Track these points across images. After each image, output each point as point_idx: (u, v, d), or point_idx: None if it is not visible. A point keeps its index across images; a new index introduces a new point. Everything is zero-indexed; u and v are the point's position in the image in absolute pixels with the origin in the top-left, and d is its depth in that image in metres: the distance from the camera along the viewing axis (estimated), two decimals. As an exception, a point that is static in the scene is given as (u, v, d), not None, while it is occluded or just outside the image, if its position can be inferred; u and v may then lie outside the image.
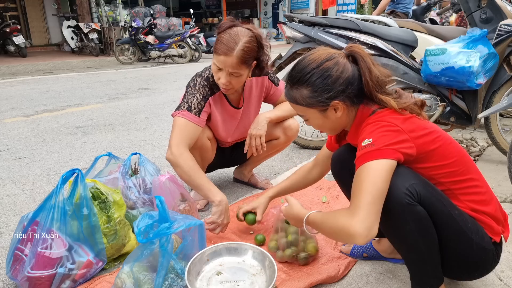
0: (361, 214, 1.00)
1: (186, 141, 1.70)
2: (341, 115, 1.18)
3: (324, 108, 1.16)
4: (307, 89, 1.15)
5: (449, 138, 1.18)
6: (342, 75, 1.12)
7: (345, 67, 1.13)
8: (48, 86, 6.20)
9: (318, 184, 2.24)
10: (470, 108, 2.56)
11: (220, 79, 1.66)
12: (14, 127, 3.68)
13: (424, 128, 1.12)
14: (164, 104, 4.80)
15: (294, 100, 1.20)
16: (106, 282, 1.40)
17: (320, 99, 1.14)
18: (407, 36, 2.65)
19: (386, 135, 1.07)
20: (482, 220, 1.14)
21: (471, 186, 1.15)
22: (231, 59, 1.58)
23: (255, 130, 1.84)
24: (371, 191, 1.01)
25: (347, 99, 1.15)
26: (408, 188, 1.04)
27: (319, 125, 1.25)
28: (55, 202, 1.34)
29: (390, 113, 1.13)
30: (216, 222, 1.59)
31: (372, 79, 1.13)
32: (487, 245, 1.13)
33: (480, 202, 1.15)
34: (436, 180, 1.13)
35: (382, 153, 1.04)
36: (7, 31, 9.54)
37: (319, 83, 1.13)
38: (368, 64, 1.13)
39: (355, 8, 16.09)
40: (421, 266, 1.15)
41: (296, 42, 2.81)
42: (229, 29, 1.61)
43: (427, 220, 1.07)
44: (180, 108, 1.74)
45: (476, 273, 1.23)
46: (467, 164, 1.17)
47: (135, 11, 12.55)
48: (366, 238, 1.00)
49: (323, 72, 1.13)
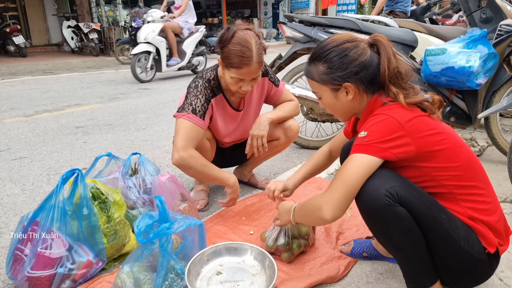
0: (332, 198, 1.11)
1: (193, 144, 1.70)
2: (351, 100, 1.20)
3: (336, 87, 1.20)
4: (324, 65, 1.19)
5: (461, 142, 1.16)
6: (359, 58, 1.15)
7: (364, 51, 1.16)
8: (48, 86, 6.20)
9: (318, 184, 2.24)
10: (470, 108, 2.56)
11: (241, 87, 1.68)
12: (14, 127, 3.68)
13: (432, 128, 1.12)
14: (164, 104, 4.80)
15: (310, 75, 1.24)
16: (106, 282, 1.40)
17: (334, 77, 1.18)
18: (407, 36, 2.65)
19: (381, 131, 1.08)
20: (477, 229, 1.12)
21: (475, 194, 1.14)
22: (253, 66, 1.60)
23: (257, 131, 1.84)
24: (346, 182, 1.10)
25: (360, 83, 1.17)
26: (388, 189, 1.06)
27: (330, 106, 1.27)
28: (55, 202, 1.34)
29: (399, 108, 1.12)
30: (232, 199, 1.86)
31: (390, 69, 1.15)
32: (477, 254, 1.11)
33: (481, 211, 1.13)
34: (439, 182, 1.13)
35: (370, 149, 1.08)
36: (7, 31, 9.53)
37: (335, 60, 1.17)
38: (389, 54, 1.16)
39: (355, 8, 16.10)
40: (411, 265, 1.17)
41: (296, 42, 2.82)
42: (233, 39, 1.59)
43: (409, 220, 1.07)
44: (185, 110, 1.72)
45: (465, 282, 1.20)
46: (476, 172, 1.16)
47: (135, 11, 12.52)
48: (331, 219, 1.12)
49: (341, 51, 1.16)
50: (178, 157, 1.66)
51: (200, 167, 1.72)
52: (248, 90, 1.69)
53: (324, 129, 3.34)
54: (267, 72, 1.93)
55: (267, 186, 1.55)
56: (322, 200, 1.14)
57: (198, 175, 1.79)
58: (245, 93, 1.71)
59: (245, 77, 1.63)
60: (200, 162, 1.71)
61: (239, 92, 1.72)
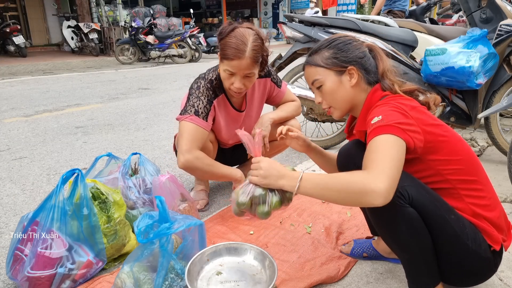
0: (381, 173, 0.95)
1: (197, 145, 1.70)
2: (353, 86, 1.23)
3: (341, 69, 1.23)
4: (329, 51, 1.25)
5: (458, 136, 1.18)
6: (361, 48, 1.25)
7: (362, 46, 1.27)
8: (48, 86, 6.20)
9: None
10: (470, 108, 2.56)
11: (233, 84, 1.64)
12: (14, 127, 3.68)
13: (434, 119, 1.15)
14: (164, 104, 4.80)
15: (314, 62, 1.27)
16: (106, 282, 1.40)
17: (340, 58, 1.23)
18: (407, 36, 2.65)
19: (394, 114, 1.07)
20: (482, 227, 1.13)
21: (477, 189, 1.15)
22: (245, 61, 1.57)
23: None
24: (388, 157, 0.98)
25: (363, 69, 1.23)
26: (399, 189, 1.04)
27: (332, 92, 1.25)
28: (55, 202, 1.34)
29: (400, 98, 1.15)
30: None
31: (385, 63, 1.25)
32: (483, 253, 1.12)
33: (483, 207, 1.14)
34: (444, 177, 1.13)
35: (392, 129, 1.03)
36: (7, 31, 9.54)
37: (341, 46, 1.24)
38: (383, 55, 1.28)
39: (355, 8, 16.09)
40: (415, 266, 1.16)
41: (296, 42, 2.82)
42: (232, 32, 1.59)
43: (418, 221, 1.07)
44: (187, 112, 1.71)
45: (471, 280, 1.22)
46: (475, 166, 1.17)
47: (135, 11, 12.55)
48: (384, 197, 0.94)
49: (346, 40, 1.26)
50: (184, 160, 1.65)
51: (207, 167, 1.72)
52: (240, 87, 1.65)
53: (324, 129, 3.34)
54: (269, 73, 1.93)
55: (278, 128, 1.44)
56: (369, 176, 0.96)
57: (206, 175, 1.80)
58: (238, 91, 1.67)
59: (236, 71, 1.60)
60: (206, 162, 1.71)
61: (232, 90, 1.69)
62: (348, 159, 1.37)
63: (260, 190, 1.16)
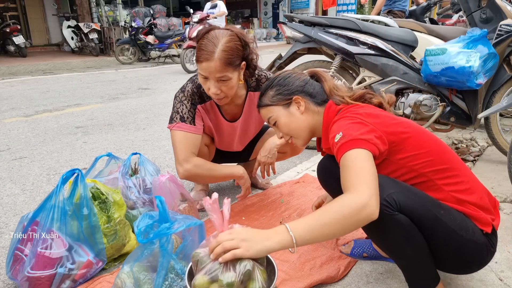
0: (363, 188, 0.98)
1: (193, 152, 1.68)
2: (304, 113, 1.31)
3: (287, 102, 1.32)
4: (272, 90, 1.35)
5: (421, 128, 1.20)
6: (300, 77, 1.35)
7: (302, 74, 1.37)
8: (48, 86, 6.20)
9: (318, 184, 2.24)
10: (470, 108, 2.56)
11: (209, 89, 1.54)
12: (14, 127, 3.69)
13: (393, 118, 1.19)
14: (164, 104, 4.80)
15: (264, 103, 1.36)
16: (106, 282, 1.40)
17: (283, 93, 1.32)
18: (407, 36, 2.65)
19: (353, 126, 1.11)
20: (469, 213, 1.13)
21: (452, 175, 1.15)
22: (214, 62, 1.45)
23: (265, 158, 1.80)
24: (362, 172, 1.01)
25: (308, 95, 1.32)
26: (386, 198, 1.03)
27: (287, 125, 1.33)
28: (55, 202, 1.34)
29: (355, 107, 1.21)
30: (247, 189, 1.86)
31: (330, 82, 1.35)
32: (478, 239, 1.12)
33: (464, 192, 1.14)
34: (418, 171, 1.14)
35: (355, 142, 1.06)
36: (7, 31, 9.55)
37: (281, 82, 1.35)
38: (325, 75, 1.37)
39: (355, 8, 16.10)
40: (413, 270, 1.16)
41: (296, 42, 2.82)
42: (205, 34, 1.50)
43: (410, 227, 1.06)
44: (174, 120, 1.68)
45: (474, 267, 1.21)
46: (445, 153, 1.17)
47: (135, 11, 12.56)
48: (376, 206, 0.97)
49: (285, 75, 1.37)
50: (183, 171, 1.65)
51: (208, 172, 1.71)
52: (215, 92, 1.53)
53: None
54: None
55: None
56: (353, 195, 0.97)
57: (209, 180, 1.81)
58: (216, 96, 1.57)
59: (206, 74, 1.49)
60: (206, 168, 1.70)
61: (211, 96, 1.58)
62: (327, 175, 1.47)
63: (245, 263, 0.97)
